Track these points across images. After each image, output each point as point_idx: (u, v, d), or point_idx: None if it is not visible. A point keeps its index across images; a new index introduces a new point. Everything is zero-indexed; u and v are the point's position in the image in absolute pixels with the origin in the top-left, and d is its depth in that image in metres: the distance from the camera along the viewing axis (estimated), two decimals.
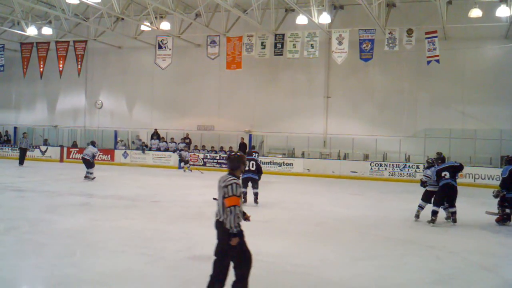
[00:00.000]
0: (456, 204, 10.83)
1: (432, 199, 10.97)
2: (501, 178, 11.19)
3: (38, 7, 23.58)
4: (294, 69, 25.63)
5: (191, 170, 24.11)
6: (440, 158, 11.44)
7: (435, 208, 10.71)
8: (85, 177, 18.00)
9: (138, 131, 28.74)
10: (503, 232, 10.23)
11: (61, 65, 28.15)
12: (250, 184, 12.79)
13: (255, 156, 13.61)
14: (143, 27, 25.19)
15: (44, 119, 32.07)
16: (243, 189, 12.12)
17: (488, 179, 20.50)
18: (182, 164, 24.68)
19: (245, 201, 12.51)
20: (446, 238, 9.56)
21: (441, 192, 10.82)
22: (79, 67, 28.13)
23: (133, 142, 28.64)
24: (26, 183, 16.73)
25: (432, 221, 10.61)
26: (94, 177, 18.02)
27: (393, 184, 19.47)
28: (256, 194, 12.71)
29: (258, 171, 12.74)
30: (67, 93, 31.42)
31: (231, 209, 4.96)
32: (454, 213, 10.83)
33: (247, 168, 12.43)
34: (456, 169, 10.90)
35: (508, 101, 22.58)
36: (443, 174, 10.80)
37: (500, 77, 22.71)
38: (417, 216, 11.13)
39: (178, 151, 25.49)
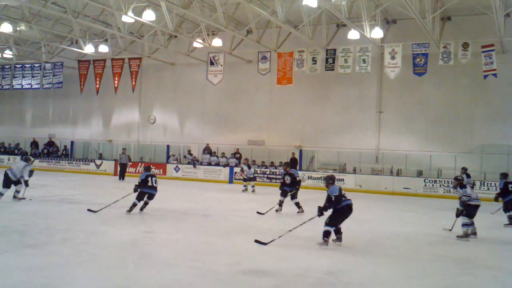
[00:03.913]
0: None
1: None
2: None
3: (95, 26, 24.44)
4: (345, 84, 25.39)
5: (253, 191, 20.99)
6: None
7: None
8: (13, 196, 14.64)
9: (190, 145, 29.11)
10: None
11: (116, 82, 28.99)
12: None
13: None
14: (195, 44, 25.62)
15: (99, 133, 32.99)
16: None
17: None
18: (244, 183, 21.65)
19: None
20: (500, 258, 9.18)
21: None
22: (133, 83, 28.91)
23: (184, 157, 29.01)
24: (81, 195, 17.18)
25: None
26: (23, 198, 14.71)
27: (447, 201, 18.87)
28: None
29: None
30: (122, 108, 32.25)
31: None
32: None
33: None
34: None
35: None
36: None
37: None
38: (467, 235, 10.79)
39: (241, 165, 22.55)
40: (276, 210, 14.26)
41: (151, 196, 13.17)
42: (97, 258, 7.80)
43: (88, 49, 27.53)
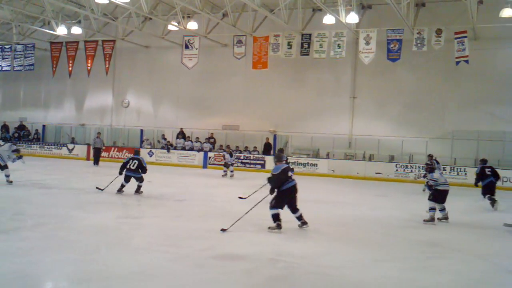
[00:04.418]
0: (481, 207, 10.75)
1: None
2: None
3: (68, 6, 23.98)
4: (320, 69, 25.47)
5: (232, 176, 21.06)
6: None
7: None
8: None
9: (164, 130, 28.94)
10: None
11: (89, 64, 28.55)
12: None
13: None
14: (170, 27, 25.39)
15: (72, 117, 32.53)
16: None
17: None
18: (224, 168, 21.67)
19: None
20: (470, 241, 9.40)
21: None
22: (107, 66, 28.52)
23: (158, 141, 28.86)
24: (54, 180, 16.98)
25: None
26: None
27: (418, 186, 19.19)
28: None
29: None
30: (95, 92, 31.83)
31: None
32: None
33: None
34: None
35: None
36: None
37: None
38: (433, 219, 11.02)
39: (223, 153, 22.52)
40: None
41: (138, 179, 13.61)
42: (69, 243, 7.73)
43: (61, 30, 27.03)
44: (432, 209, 11.02)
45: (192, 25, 24.13)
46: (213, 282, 6.09)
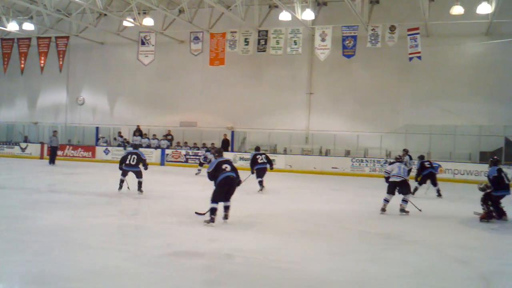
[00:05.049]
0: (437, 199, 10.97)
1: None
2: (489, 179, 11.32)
3: (19, 2, 23.28)
4: (277, 66, 25.65)
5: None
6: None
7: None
8: None
9: (120, 127, 28.57)
10: (480, 227, 10.35)
11: (42, 61, 27.91)
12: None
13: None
14: (126, 23, 25.05)
15: (24, 115, 31.72)
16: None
17: (467, 174, 20.77)
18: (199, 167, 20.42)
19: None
20: (424, 233, 9.66)
21: None
22: (60, 63, 27.93)
23: (114, 139, 28.45)
24: (6, 180, 16.55)
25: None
26: None
27: (373, 180, 19.57)
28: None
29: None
30: (48, 89, 31.11)
31: None
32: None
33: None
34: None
35: (487, 98, 22.87)
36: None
37: (480, 74, 23.00)
38: (383, 210, 11.36)
39: (204, 153, 21.22)
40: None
41: (136, 174, 13.51)
42: (21, 244, 7.56)
43: (12, 26, 26.30)
44: (385, 200, 11.36)
45: (148, 21, 23.87)
46: (169, 280, 6.06)
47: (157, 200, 12.95)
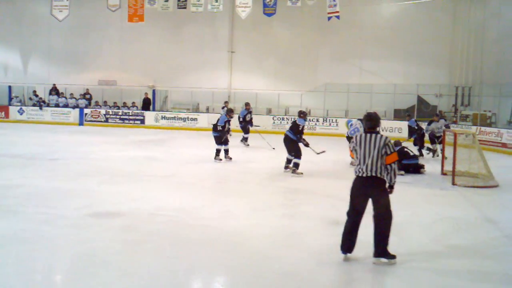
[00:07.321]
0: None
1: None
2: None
3: None
4: (199, 23, 25.31)
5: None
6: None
7: None
8: None
9: (35, 86, 27.33)
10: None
11: None
12: None
13: None
14: None
15: None
16: None
17: (383, 131, 21.64)
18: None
19: None
20: (342, 187, 10.11)
21: None
22: None
23: (29, 98, 27.23)
24: None
25: None
26: None
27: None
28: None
29: None
30: None
31: (392, 165, 5.44)
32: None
33: None
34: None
35: (402, 57, 23.79)
36: None
37: (396, 34, 23.80)
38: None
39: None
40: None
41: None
42: None
43: None
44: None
45: None
46: (89, 242, 6.00)
47: (75, 160, 12.65)
